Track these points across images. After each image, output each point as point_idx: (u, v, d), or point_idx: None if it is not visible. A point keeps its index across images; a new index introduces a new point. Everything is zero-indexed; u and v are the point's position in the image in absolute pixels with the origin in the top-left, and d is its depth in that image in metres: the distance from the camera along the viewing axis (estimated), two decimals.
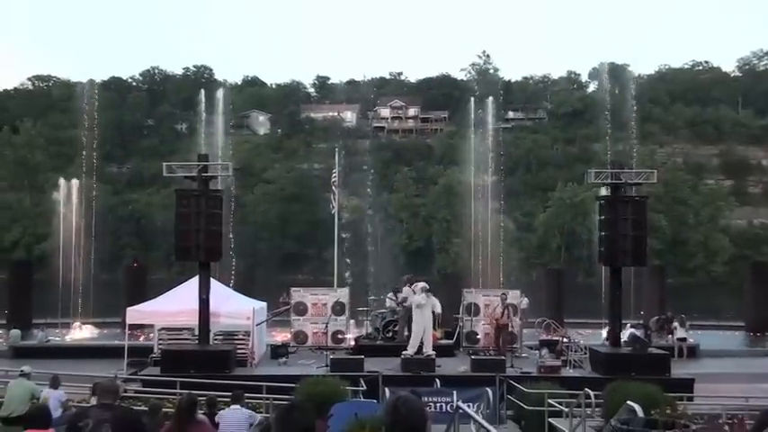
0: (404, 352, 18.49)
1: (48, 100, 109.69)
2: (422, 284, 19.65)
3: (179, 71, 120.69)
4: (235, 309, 19.74)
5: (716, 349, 27.74)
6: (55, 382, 12.76)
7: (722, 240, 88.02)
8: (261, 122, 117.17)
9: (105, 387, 6.01)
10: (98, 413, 5.60)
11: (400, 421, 3.69)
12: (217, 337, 18.98)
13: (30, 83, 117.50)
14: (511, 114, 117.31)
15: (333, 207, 29.27)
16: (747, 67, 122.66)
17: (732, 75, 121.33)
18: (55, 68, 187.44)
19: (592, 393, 12.10)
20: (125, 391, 12.73)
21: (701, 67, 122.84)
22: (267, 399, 14.06)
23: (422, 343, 19.90)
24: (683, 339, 26.70)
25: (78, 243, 36.21)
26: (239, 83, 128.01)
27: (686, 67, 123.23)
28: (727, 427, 11.32)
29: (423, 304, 18.98)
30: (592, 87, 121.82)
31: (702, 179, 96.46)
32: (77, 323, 31.92)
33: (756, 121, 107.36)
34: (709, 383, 20.07)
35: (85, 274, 35.31)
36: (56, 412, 11.71)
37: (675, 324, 27.34)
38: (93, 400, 10.53)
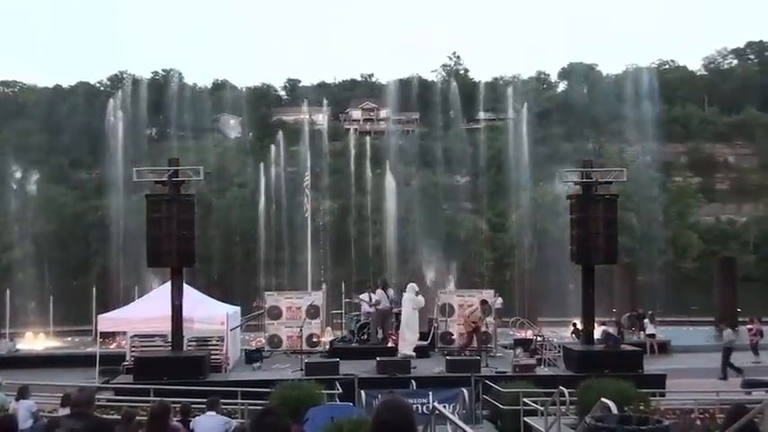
0: (404, 353, 18.62)
1: (14, 106, 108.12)
2: (416, 287, 19.84)
3: (147, 75, 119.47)
4: (208, 314, 19.58)
5: (686, 345, 28.13)
6: (23, 393, 12.52)
7: (691, 237, 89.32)
8: (232, 126, 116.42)
9: (77, 396, 5.90)
10: (69, 423, 5.50)
11: (383, 425, 3.65)
12: (190, 343, 18.80)
13: None
14: (481, 115, 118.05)
15: (306, 210, 29.25)
16: (713, 65, 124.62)
17: (698, 73, 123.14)
18: (21, 74, 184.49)
19: (566, 391, 12.18)
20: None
21: (667, 66, 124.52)
22: (242, 404, 13.96)
23: (396, 343, 20.10)
24: (653, 336, 27.04)
25: (47, 250, 35.69)
26: (209, 86, 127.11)
27: (653, 66, 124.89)
28: (699, 422, 11.46)
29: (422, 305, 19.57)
30: (561, 87, 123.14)
31: (671, 176, 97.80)
32: (48, 331, 31.44)
33: (722, 119, 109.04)
34: (681, 378, 20.36)
35: (55, 282, 34.82)
36: (26, 423, 11.51)
37: (646, 321, 27.72)
38: (62, 411, 10.37)
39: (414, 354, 18.99)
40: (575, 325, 24.98)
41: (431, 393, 15.94)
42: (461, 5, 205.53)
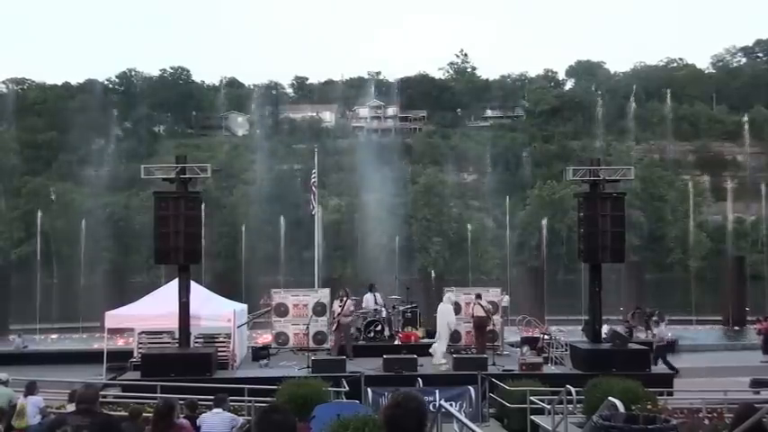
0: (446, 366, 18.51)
1: (23, 103, 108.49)
2: (452, 296, 20.20)
3: (156, 73, 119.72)
4: (215, 311, 19.61)
5: (694, 344, 28.03)
6: (31, 389, 12.57)
7: (699, 236, 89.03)
8: (239, 123, 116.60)
9: (83, 392, 5.92)
10: (76, 419, 5.52)
11: (396, 407, 3.69)
12: (197, 340, 18.84)
13: (4, 86, 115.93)
14: (489, 113, 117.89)
15: (313, 208, 29.25)
16: (721, 63, 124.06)
17: (706, 71, 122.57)
18: (29, 71, 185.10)
19: (573, 390, 12.14)
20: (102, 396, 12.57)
21: (675, 65, 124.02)
22: (249, 401, 13.97)
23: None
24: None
25: (55, 247, 35.82)
26: (217, 84, 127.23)
27: (661, 64, 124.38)
28: (707, 421, 11.42)
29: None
30: (569, 85, 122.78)
31: (679, 175, 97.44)
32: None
33: (730, 117, 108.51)
34: (689, 378, 20.30)
35: (63, 279, 34.97)
36: (34, 419, 11.57)
37: (656, 319, 27.55)
38: (70, 407, 10.41)
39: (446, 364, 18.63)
40: (587, 323, 24.87)
41: (437, 391, 15.91)
42: (469, 3, 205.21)
